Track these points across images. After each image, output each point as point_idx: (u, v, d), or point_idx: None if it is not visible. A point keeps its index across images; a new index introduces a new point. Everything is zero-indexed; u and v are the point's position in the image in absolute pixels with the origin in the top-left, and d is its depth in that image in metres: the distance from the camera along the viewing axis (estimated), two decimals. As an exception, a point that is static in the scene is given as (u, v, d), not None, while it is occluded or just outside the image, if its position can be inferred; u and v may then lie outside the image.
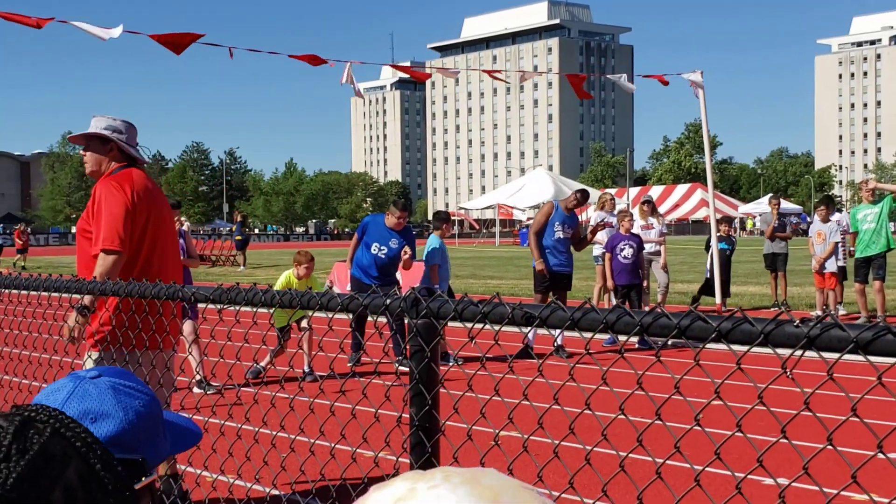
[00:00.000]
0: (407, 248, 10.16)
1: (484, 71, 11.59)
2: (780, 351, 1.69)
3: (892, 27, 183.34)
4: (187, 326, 8.50)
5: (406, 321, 2.26)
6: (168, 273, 4.49)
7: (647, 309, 3.77)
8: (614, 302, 11.85)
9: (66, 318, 4.42)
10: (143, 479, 1.12)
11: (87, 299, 4.20)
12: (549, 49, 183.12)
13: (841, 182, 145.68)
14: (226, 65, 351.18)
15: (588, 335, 1.96)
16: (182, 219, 10.58)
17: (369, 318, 9.72)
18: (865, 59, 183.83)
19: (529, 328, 2.05)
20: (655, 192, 64.87)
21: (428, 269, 10.54)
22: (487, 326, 2.09)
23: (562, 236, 10.91)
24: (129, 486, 1.00)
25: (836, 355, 1.60)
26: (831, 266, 13.72)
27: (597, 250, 13.47)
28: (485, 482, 0.74)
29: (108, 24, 8.54)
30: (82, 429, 0.98)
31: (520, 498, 0.74)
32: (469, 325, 2.10)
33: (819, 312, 13.80)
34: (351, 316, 2.42)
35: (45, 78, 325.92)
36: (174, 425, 1.34)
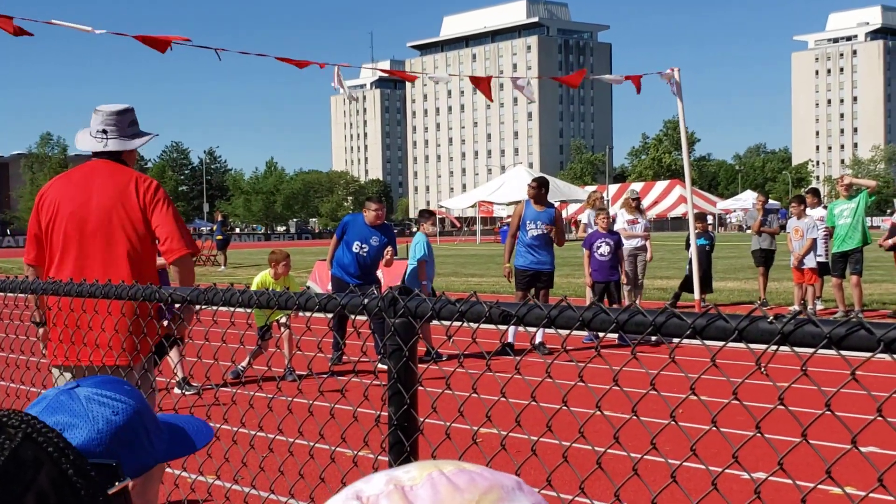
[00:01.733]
0: (389, 248, 10.17)
1: (473, 79, 11.42)
2: (754, 347, 1.71)
3: (867, 23, 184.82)
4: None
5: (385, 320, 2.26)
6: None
7: (624, 304, 3.75)
8: (590, 299, 11.88)
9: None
10: (117, 483, 1.12)
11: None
12: (529, 47, 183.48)
13: (818, 177, 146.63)
14: (205, 64, 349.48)
15: (565, 332, 1.96)
16: None
17: (350, 318, 9.69)
18: (842, 55, 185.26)
19: (507, 326, 2.05)
20: (635, 188, 65.08)
21: (417, 265, 10.54)
22: (467, 325, 2.09)
23: (536, 233, 10.84)
24: (102, 492, 0.99)
25: (810, 350, 1.61)
26: (810, 262, 13.81)
27: None
28: (447, 469, 0.77)
29: (88, 23, 8.47)
30: (55, 433, 0.97)
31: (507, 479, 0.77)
32: (447, 323, 2.10)
33: (797, 307, 13.90)
34: (330, 316, 2.42)
35: (22, 79, 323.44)
36: (179, 427, 1.33)
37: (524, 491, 0.77)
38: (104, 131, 4.29)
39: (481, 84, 10.80)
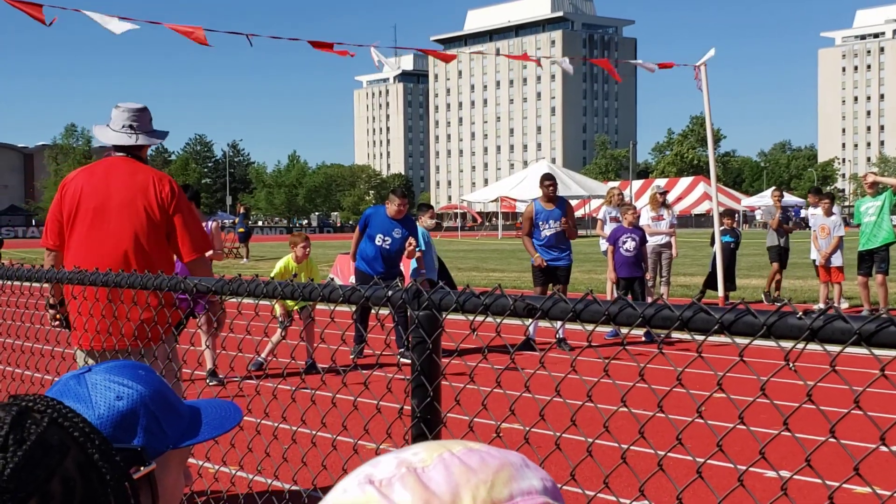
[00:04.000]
0: (412, 239, 10.20)
1: (510, 57, 11.60)
2: (782, 343, 1.69)
3: (895, 20, 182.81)
4: (203, 319, 8.58)
5: (408, 313, 2.26)
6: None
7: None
8: (615, 295, 11.83)
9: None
10: (143, 468, 1.11)
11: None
12: (553, 42, 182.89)
13: (844, 175, 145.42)
14: (229, 57, 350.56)
15: (590, 327, 1.95)
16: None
17: (372, 311, 9.75)
18: (869, 52, 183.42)
19: (531, 321, 2.04)
20: (660, 184, 64.79)
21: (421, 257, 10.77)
22: (490, 319, 2.09)
23: (549, 232, 10.83)
24: (128, 476, 0.99)
25: (839, 348, 1.60)
26: (837, 260, 13.70)
27: (604, 244, 13.42)
28: (455, 448, 0.77)
29: (114, 12, 8.50)
30: (80, 418, 0.97)
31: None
32: (471, 316, 2.09)
33: (822, 305, 13.79)
34: (353, 308, 2.42)
35: (48, 69, 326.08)
36: (204, 412, 1.32)
37: (530, 468, 0.77)
38: (131, 126, 4.47)
39: (521, 58, 10.92)
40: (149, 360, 3.97)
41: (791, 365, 1.62)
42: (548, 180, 11.09)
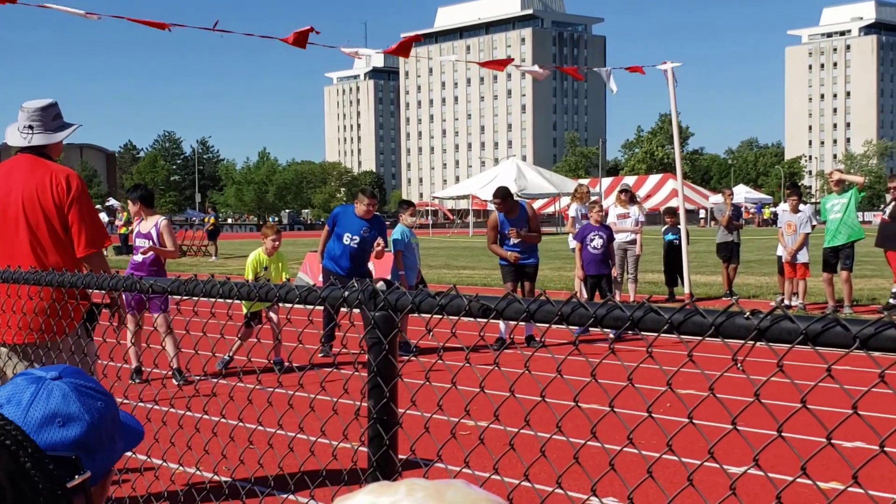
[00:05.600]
0: (380, 240, 10.19)
1: (482, 64, 11.50)
2: (730, 342, 1.70)
3: (861, 18, 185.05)
4: (160, 320, 8.49)
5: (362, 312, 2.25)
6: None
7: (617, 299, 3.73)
8: (584, 292, 11.88)
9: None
10: (77, 476, 1.10)
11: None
12: (523, 39, 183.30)
13: (811, 172, 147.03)
14: (198, 54, 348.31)
15: (570, 327, 1.96)
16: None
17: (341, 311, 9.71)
18: (835, 49, 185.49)
19: (485, 321, 2.04)
20: (628, 182, 65.12)
21: (394, 254, 10.71)
22: (447, 318, 2.09)
23: (514, 241, 10.77)
24: (61, 485, 0.98)
25: (786, 346, 1.61)
26: (803, 257, 13.83)
27: (572, 242, 13.47)
28: (448, 497, 0.73)
29: (84, 8, 8.42)
30: (13, 426, 0.96)
31: None
32: (427, 316, 2.09)
33: (786, 300, 13.92)
34: (311, 307, 2.41)
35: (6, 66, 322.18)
36: (124, 424, 1.32)
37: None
38: (30, 127, 4.58)
39: (488, 66, 10.87)
40: (54, 354, 4.19)
41: (739, 364, 1.64)
42: (496, 198, 10.79)
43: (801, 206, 14.21)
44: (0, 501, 0.89)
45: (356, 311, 2.30)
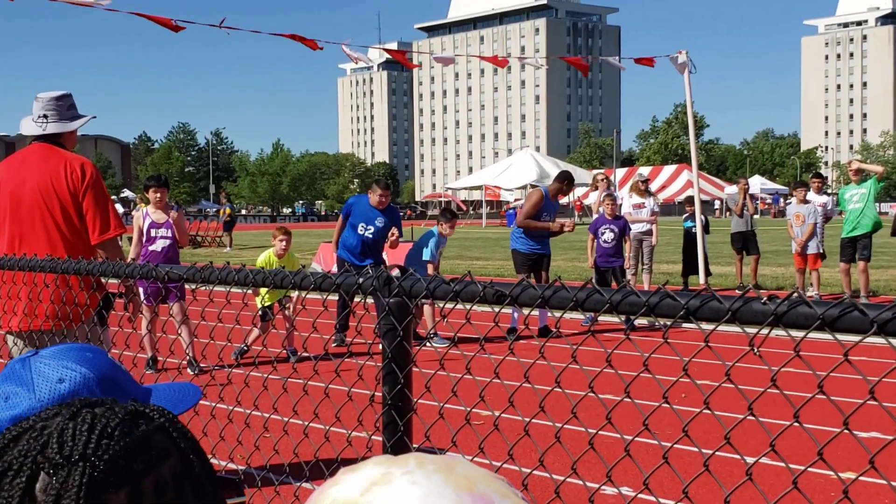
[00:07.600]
0: (394, 229, 10.19)
1: (482, 58, 11.51)
2: (747, 329, 1.69)
3: (878, 8, 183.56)
4: (176, 308, 8.55)
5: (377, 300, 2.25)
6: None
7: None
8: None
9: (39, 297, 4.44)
10: (236, 497, 1.11)
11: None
12: (537, 30, 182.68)
13: (827, 163, 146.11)
14: (212, 46, 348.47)
15: (583, 313, 1.96)
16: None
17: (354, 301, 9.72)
18: (852, 39, 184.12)
19: (499, 309, 2.04)
20: (643, 172, 64.89)
21: (426, 264, 10.45)
22: (462, 305, 2.08)
23: (568, 230, 10.94)
24: (220, 499, 0.99)
25: (802, 333, 1.60)
26: (814, 247, 13.76)
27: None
28: (459, 471, 0.74)
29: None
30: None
31: (494, 487, 0.74)
32: (441, 303, 2.09)
33: (801, 290, 13.85)
34: (327, 296, 2.41)
35: (16, 60, 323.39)
36: (154, 394, 1.32)
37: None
38: (44, 116, 4.62)
39: (491, 61, 10.83)
40: (69, 342, 4.10)
41: (756, 350, 1.63)
42: (565, 181, 11.08)
43: (821, 197, 14.10)
44: (161, 494, 0.92)
45: (370, 300, 2.30)
